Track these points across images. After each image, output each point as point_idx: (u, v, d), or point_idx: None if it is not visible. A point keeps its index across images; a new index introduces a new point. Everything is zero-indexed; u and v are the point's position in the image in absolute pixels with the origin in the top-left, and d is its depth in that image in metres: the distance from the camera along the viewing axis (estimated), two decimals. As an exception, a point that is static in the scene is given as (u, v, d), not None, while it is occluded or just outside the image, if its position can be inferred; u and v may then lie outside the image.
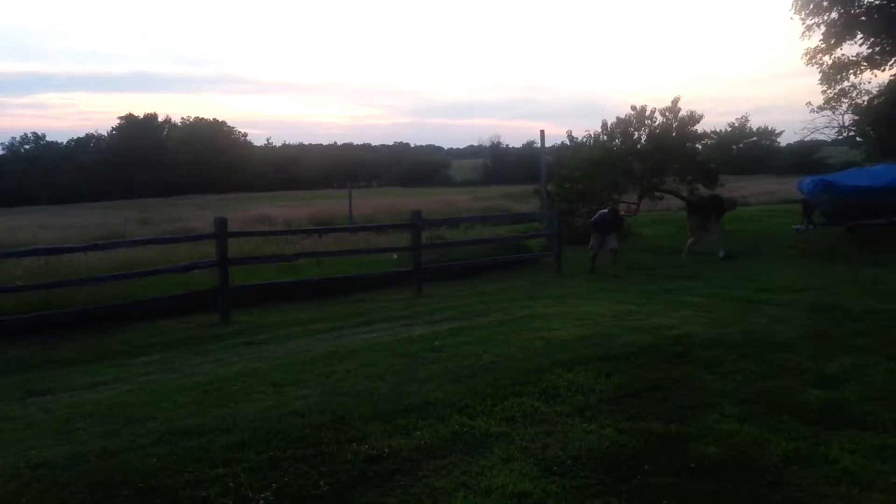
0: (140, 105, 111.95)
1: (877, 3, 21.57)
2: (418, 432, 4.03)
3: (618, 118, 19.76)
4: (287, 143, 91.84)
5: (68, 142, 72.52)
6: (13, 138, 70.83)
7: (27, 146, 71.00)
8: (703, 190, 18.70)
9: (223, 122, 79.83)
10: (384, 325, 8.05)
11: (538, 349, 6.07)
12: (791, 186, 24.15)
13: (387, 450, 3.78)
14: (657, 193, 20.16)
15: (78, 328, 8.75)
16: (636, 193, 19.63)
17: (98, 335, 8.54)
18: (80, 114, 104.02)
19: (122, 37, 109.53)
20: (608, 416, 4.25)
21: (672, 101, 19.19)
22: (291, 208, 34.66)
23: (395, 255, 13.22)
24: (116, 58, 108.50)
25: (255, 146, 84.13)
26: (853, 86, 23.18)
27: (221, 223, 9.57)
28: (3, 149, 69.56)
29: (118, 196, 57.17)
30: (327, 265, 12.84)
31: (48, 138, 72.19)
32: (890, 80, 22.53)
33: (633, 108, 19.49)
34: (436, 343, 6.46)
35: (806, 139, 28.77)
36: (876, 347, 5.95)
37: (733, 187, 28.50)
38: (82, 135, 73.57)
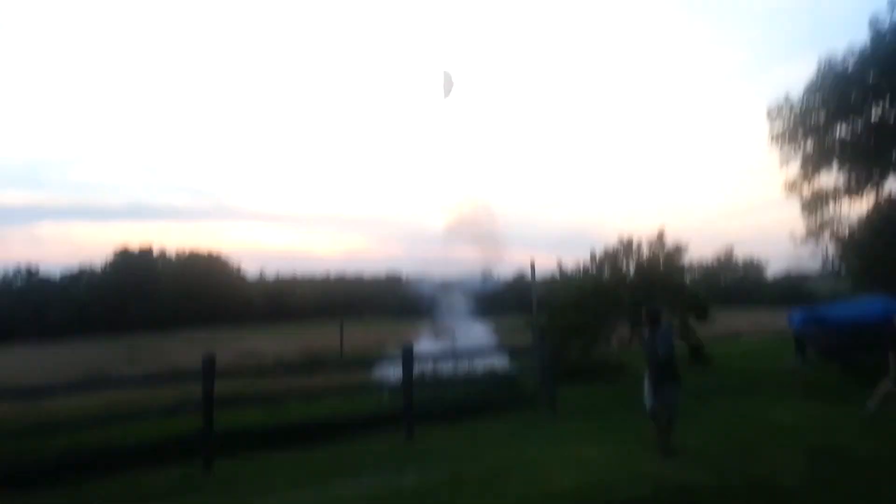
0: (136, 234, 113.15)
1: (848, 134, 22.53)
2: None
3: (605, 250, 20.15)
4: (280, 274, 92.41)
5: (61, 277, 72.84)
6: (6, 273, 71.16)
7: (20, 282, 71.23)
8: (695, 323, 18.72)
9: (217, 256, 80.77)
10: (373, 472, 7.72)
11: (535, 500, 5.79)
12: (782, 319, 24.22)
13: None
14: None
15: (53, 479, 8.34)
16: (628, 326, 19.62)
17: (73, 487, 8.13)
18: (75, 245, 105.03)
19: (121, 167, 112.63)
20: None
21: (657, 233, 19.65)
22: (282, 342, 34.36)
23: (385, 394, 12.92)
24: (115, 188, 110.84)
25: (247, 280, 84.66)
26: (833, 217, 23.75)
27: (209, 362, 9.38)
28: (-6, 284, 69.70)
29: (110, 331, 56.75)
30: (316, 405, 12.50)
31: (42, 271, 72.57)
32: (869, 212, 23.16)
33: (621, 239, 19.93)
34: (428, 499, 6.15)
35: (792, 271, 29.20)
36: (883, 501, 5.72)
37: (724, 320, 28.53)
38: (76, 267, 73.99)
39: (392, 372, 12.80)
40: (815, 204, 23.54)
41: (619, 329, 19.62)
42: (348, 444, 10.29)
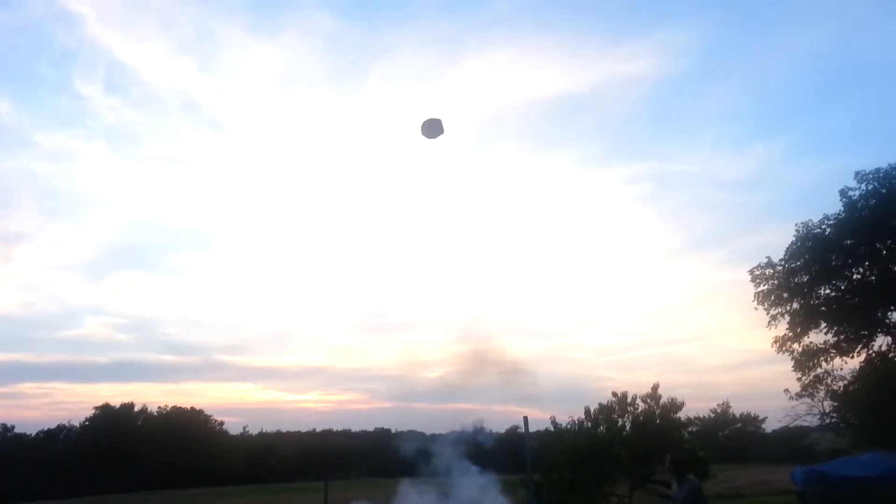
0: (119, 394, 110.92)
1: (833, 294, 23.05)
2: None
3: (600, 404, 19.86)
4: (264, 430, 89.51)
5: (37, 434, 70.22)
6: (-21, 430, 68.59)
7: (-7, 439, 68.57)
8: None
9: (200, 411, 78.55)
10: None
11: None
12: (783, 475, 23.44)
13: None
14: (649, 485, 19.44)
15: None
16: (627, 485, 18.93)
17: None
18: (55, 404, 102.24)
19: (111, 327, 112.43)
20: None
21: (652, 388, 19.50)
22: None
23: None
24: (102, 348, 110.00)
25: (230, 435, 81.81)
26: (827, 372, 23.66)
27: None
28: (-35, 442, 66.93)
29: (87, 491, 54.03)
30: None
31: (17, 429, 69.97)
32: (861, 367, 23.13)
33: (615, 394, 19.72)
34: None
35: (790, 425, 28.67)
36: None
37: (725, 477, 27.61)
38: (54, 425, 71.36)
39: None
40: (806, 361, 23.57)
41: (619, 489, 18.93)
42: None
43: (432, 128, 11.72)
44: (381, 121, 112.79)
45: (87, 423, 71.35)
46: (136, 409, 75.33)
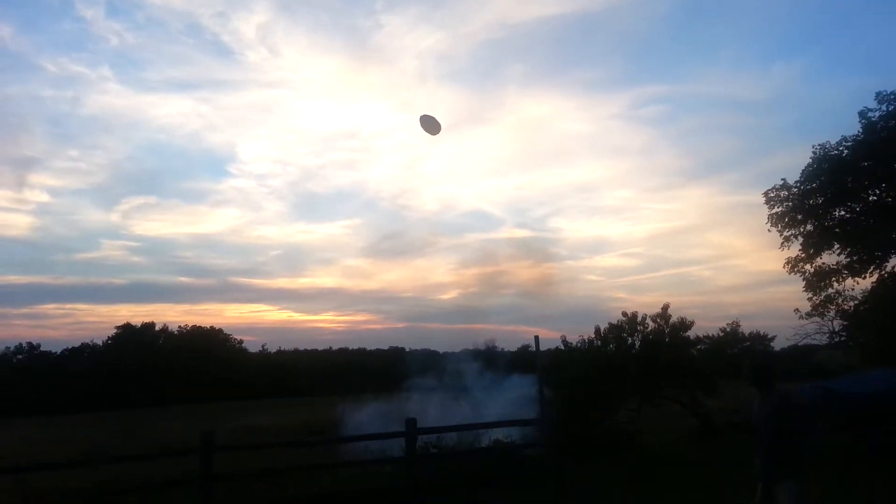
0: (138, 315, 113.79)
1: (848, 216, 22.91)
2: None
3: (610, 324, 20.04)
4: (282, 349, 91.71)
5: (62, 352, 72.35)
6: (7, 348, 70.73)
7: (20, 356, 70.74)
8: (702, 396, 18.47)
9: (219, 330, 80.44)
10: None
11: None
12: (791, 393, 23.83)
13: None
14: (657, 400, 19.86)
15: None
16: (636, 400, 19.34)
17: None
18: (77, 324, 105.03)
19: (127, 249, 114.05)
20: None
21: (662, 308, 19.61)
22: (284, 417, 33.86)
23: (388, 468, 12.67)
24: (119, 269, 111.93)
25: (249, 353, 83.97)
26: (838, 292, 23.80)
27: (207, 437, 9.25)
28: (-5, 359, 69.17)
29: (110, 406, 56.00)
30: (317, 480, 12.23)
31: (42, 348, 72.12)
32: (873, 287, 23.20)
33: (625, 314, 19.86)
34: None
35: (799, 344, 28.99)
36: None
37: (734, 393, 28.12)
38: (77, 344, 73.58)
39: (396, 445, 12.60)
40: (818, 281, 23.71)
41: (627, 402, 19.33)
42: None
43: (431, 124, 11.99)
44: (389, 54, 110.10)
45: (109, 341, 73.41)
46: (157, 328, 77.25)
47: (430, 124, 12.04)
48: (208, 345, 74.97)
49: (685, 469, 13.67)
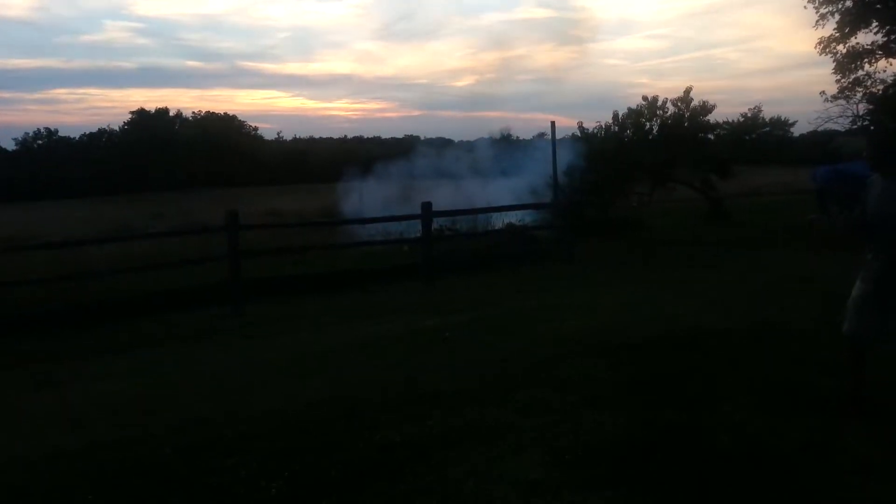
0: (150, 100, 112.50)
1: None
2: (430, 422, 4.03)
3: (629, 108, 19.66)
4: (298, 136, 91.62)
5: (81, 137, 72.79)
6: (26, 134, 71.16)
7: (40, 141, 71.40)
8: (717, 180, 18.58)
9: (234, 117, 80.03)
10: (395, 316, 8.06)
11: (549, 340, 6.05)
12: (805, 177, 23.92)
13: (399, 439, 3.78)
14: (669, 184, 20.03)
15: (92, 321, 8.82)
16: (648, 184, 19.52)
17: (111, 328, 8.60)
18: (91, 109, 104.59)
19: (132, 31, 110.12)
20: (620, 406, 4.22)
21: (684, 92, 19.08)
22: (302, 201, 34.70)
23: (405, 247, 13.23)
24: (127, 52, 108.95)
25: (265, 140, 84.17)
26: (868, 74, 22.95)
27: (233, 217, 9.60)
28: (15, 144, 69.92)
29: (132, 190, 57.28)
30: (338, 258, 12.86)
31: (61, 133, 72.50)
32: (905, 69, 22.30)
33: (645, 98, 19.38)
34: (447, 334, 6.46)
35: (819, 129, 28.48)
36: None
37: (747, 178, 28.26)
38: (95, 129, 73.80)
39: (412, 226, 13.04)
40: (849, 63, 22.72)
41: (640, 187, 19.54)
42: (370, 293, 10.65)
43: None
44: None
45: (125, 126, 73.55)
46: (171, 114, 76.90)
47: None
48: (224, 131, 74.98)
49: (687, 248, 14.16)
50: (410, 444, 3.71)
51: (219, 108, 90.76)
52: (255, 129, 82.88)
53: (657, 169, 19.01)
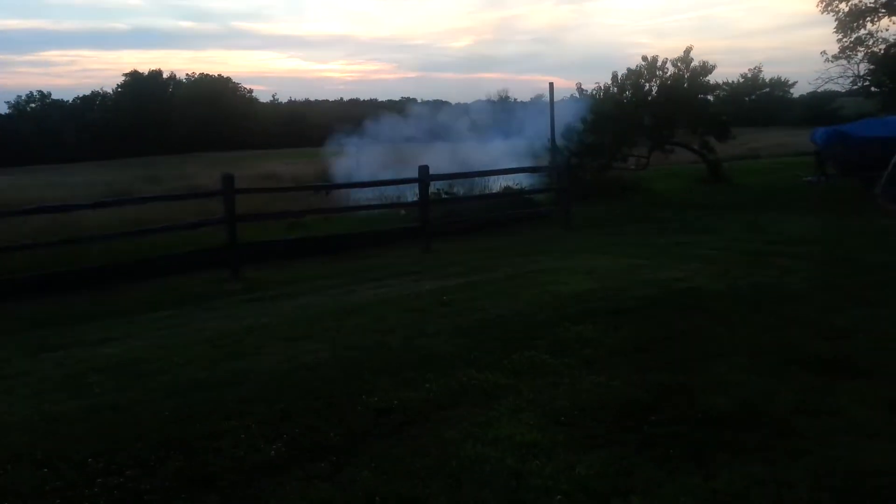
0: (143, 62, 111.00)
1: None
2: (427, 385, 4.06)
3: (628, 69, 19.43)
4: (293, 99, 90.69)
5: (74, 100, 71.96)
6: (19, 97, 70.32)
7: (33, 104, 70.62)
8: (715, 142, 18.47)
9: (228, 79, 79.05)
10: (393, 280, 8.07)
11: (546, 303, 6.07)
12: (804, 139, 23.79)
13: (396, 402, 3.81)
14: (668, 146, 19.92)
15: (89, 286, 8.82)
16: (646, 147, 19.41)
17: (109, 292, 8.60)
18: (84, 71, 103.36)
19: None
20: (616, 368, 4.26)
21: (684, 52, 18.86)
22: (299, 165, 34.50)
23: (402, 211, 13.19)
24: (118, 13, 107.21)
25: (260, 102, 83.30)
26: (870, 33, 22.69)
27: (228, 180, 9.54)
28: (8, 107, 69.19)
29: (126, 154, 56.87)
30: (335, 222, 12.84)
31: (53, 97, 71.67)
32: (908, 29, 22.04)
33: (645, 58, 19.15)
34: (444, 297, 6.48)
35: (819, 90, 28.26)
36: (887, 300, 5.91)
37: (746, 140, 28.10)
38: (88, 92, 72.94)
39: (409, 190, 12.98)
40: (851, 21, 22.42)
41: (638, 151, 19.43)
42: (368, 257, 10.65)
43: None
44: None
45: (119, 89, 72.68)
46: (165, 76, 75.93)
47: None
48: (219, 93, 74.15)
49: (685, 211, 14.13)
50: (408, 407, 3.74)
51: (213, 69, 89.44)
52: (250, 91, 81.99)
53: (656, 131, 18.89)
